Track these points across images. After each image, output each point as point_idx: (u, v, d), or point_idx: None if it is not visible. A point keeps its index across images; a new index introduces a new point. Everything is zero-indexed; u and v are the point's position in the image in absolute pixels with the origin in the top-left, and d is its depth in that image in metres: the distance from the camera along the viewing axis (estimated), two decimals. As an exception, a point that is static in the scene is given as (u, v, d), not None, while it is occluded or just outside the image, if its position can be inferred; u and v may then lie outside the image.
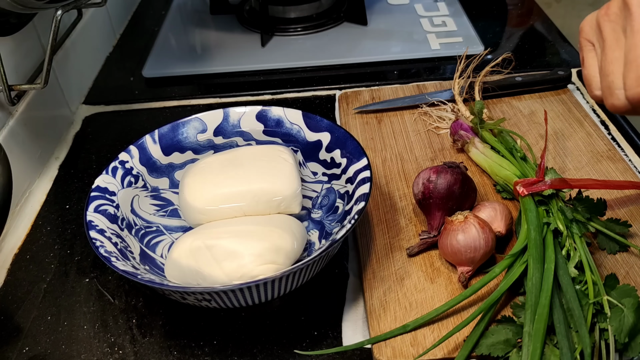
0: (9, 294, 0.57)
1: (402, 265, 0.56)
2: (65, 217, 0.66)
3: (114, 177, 0.58)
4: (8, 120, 0.67)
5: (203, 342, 0.52)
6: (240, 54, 0.92)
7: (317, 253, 0.47)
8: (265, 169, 0.58)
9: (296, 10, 0.98)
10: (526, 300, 0.48)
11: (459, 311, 0.51)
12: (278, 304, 0.55)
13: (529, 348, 0.45)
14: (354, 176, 0.57)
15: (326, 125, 0.62)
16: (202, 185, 0.57)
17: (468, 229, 0.52)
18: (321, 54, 0.91)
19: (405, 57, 0.90)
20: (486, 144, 0.65)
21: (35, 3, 0.60)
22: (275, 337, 0.52)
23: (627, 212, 0.59)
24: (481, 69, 0.75)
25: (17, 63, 0.69)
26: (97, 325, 0.54)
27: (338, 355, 0.50)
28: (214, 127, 0.64)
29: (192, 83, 0.88)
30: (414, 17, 1.00)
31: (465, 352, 0.46)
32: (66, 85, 0.79)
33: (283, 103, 0.82)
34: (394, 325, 0.50)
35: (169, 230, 0.59)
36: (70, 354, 0.51)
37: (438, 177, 0.57)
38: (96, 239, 0.51)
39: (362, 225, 0.60)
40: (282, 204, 0.57)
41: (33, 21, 0.72)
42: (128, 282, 0.57)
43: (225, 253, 0.50)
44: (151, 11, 1.09)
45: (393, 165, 0.68)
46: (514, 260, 0.51)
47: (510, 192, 0.60)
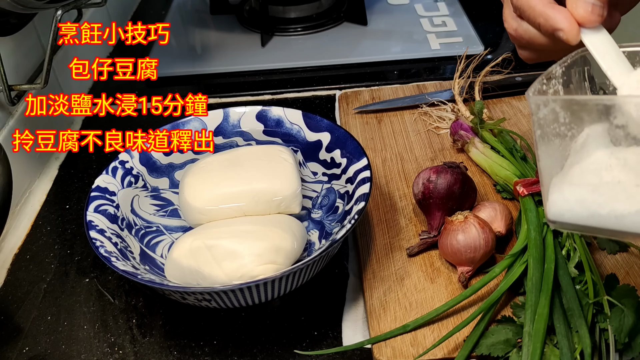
0: (9, 294, 0.57)
1: (402, 265, 0.56)
2: (65, 217, 0.66)
3: (114, 177, 0.58)
4: (8, 120, 0.67)
5: (203, 342, 0.52)
6: (240, 54, 0.92)
7: (317, 253, 0.47)
8: (265, 169, 0.58)
9: (296, 10, 0.98)
10: (526, 300, 0.48)
11: (459, 311, 0.51)
12: (278, 304, 0.55)
13: (529, 348, 0.45)
14: (354, 176, 0.57)
15: (326, 125, 0.62)
16: (202, 185, 0.57)
17: (468, 229, 0.52)
18: (321, 54, 0.91)
19: (405, 57, 0.90)
20: (486, 144, 0.65)
21: (35, 3, 0.60)
22: (275, 337, 0.52)
23: (627, 212, 0.59)
24: (481, 69, 0.75)
25: (17, 63, 0.69)
26: (97, 325, 0.54)
27: (338, 355, 0.50)
28: (214, 127, 0.64)
29: (192, 83, 0.88)
30: (414, 17, 1.00)
31: (465, 352, 0.46)
32: (66, 85, 0.79)
33: (283, 103, 0.82)
34: (394, 325, 0.50)
35: (169, 230, 0.59)
36: (70, 354, 0.51)
37: (438, 177, 0.57)
38: (96, 239, 0.51)
39: (362, 225, 0.60)
40: (282, 204, 0.57)
41: (33, 21, 0.72)
42: (128, 282, 0.57)
43: (225, 253, 0.50)
44: (151, 11, 1.09)
45: (393, 165, 0.68)
46: (514, 260, 0.51)
47: (510, 192, 0.60)
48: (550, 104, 0.38)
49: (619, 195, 0.35)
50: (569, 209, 0.38)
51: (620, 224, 0.36)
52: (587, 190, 0.37)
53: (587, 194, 0.37)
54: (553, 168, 0.40)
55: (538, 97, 0.39)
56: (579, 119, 0.38)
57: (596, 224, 0.37)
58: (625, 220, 0.35)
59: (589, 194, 0.37)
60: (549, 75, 0.41)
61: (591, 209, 0.37)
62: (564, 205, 0.38)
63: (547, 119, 0.39)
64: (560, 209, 0.38)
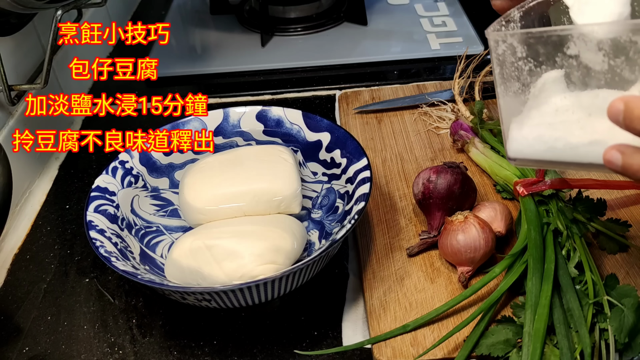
0: (9, 294, 0.57)
1: (402, 265, 0.56)
2: (65, 217, 0.66)
3: (114, 177, 0.58)
4: (8, 120, 0.67)
5: (203, 342, 0.52)
6: (240, 54, 0.92)
7: (317, 253, 0.47)
8: (265, 169, 0.58)
9: (296, 10, 0.98)
10: (526, 300, 0.48)
11: (459, 311, 0.51)
12: (278, 304, 0.55)
13: (529, 348, 0.45)
14: (354, 176, 0.57)
15: (326, 125, 0.62)
16: (202, 185, 0.57)
17: (468, 229, 0.52)
18: (321, 54, 0.91)
19: (405, 57, 0.90)
20: (486, 144, 0.65)
21: (35, 3, 0.60)
22: (275, 337, 0.52)
23: (627, 212, 0.59)
24: (481, 69, 0.75)
25: (17, 63, 0.69)
26: (97, 325, 0.54)
27: (338, 355, 0.50)
28: (214, 127, 0.64)
29: (192, 83, 0.88)
30: (414, 17, 1.00)
31: (465, 352, 0.46)
32: (66, 85, 0.79)
33: (283, 103, 0.82)
34: (394, 325, 0.50)
35: (169, 230, 0.59)
36: (70, 354, 0.51)
37: (438, 177, 0.57)
38: (96, 239, 0.51)
39: (362, 225, 0.60)
40: (282, 204, 0.57)
41: (33, 21, 0.72)
42: (128, 282, 0.57)
43: (225, 253, 0.50)
44: (151, 11, 1.09)
45: (393, 165, 0.68)
46: (514, 260, 0.51)
47: (510, 192, 0.60)
48: (508, 39, 0.41)
49: (573, 129, 0.39)
50: (528, 145, 0.42)
51: (574, 155, 0.40)
52: (545, 128, 0.41)
53: (544, 130, 0.41)
54: (513, 109, 0.43)
55: (497, 32, 0.42)
56: (536, 54, 0.41)
57: (553, 157, 0.41)
58: (579, 151, 0.39)
59: (546, 131, 0.41)
60: (507, 18, 0.44)
61: (548, 143, 0.41)
62: (523, 142, 0.42)
63: (506, 55, 0.42)
64: (520, 145, 0.42)
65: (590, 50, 0.38)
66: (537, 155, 0.42)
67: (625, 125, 0.34)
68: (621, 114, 0.34)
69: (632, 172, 0.35)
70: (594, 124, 0.38)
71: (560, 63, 0.41)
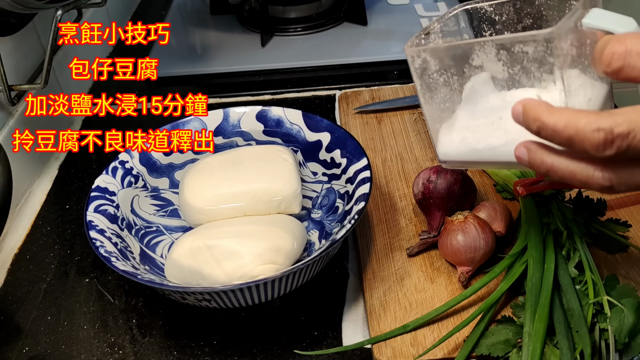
0: (9, 294, 0.57)
1: (402, 265, 0.56)
2: (65, 217, 0.66)
3: (114, 177, 0.58)
4: (8, 120, 0.67)
5: (203, 342, 0.52)
6: (240, 54, 0.92)
7: (317, 253, 0.47)
8: (265, 169, 0.58)
9: (296, 10, 0.98)
10: (526, 300, 0.48)
11: (459, 311, 0.51)
12: (278, 304, 0.55)
13: (529, 348, 0.45)
14: (354, 176, 0.57)
15: (326, 125, 0.62)
16: (202, 185, 0.57)
17: (468, 229, 0.52)
18: (321, 54, 0.91)
19: (405, 57, 0.90)
20: (486, 144, 0.65)
21: (35, 3, 0.60)
22: (275, 337, 0.52)
23: (627, 212, 0.59)
24: (481, 69, 0.75)
25: (17, 63, 0.69)
26: (97, 325, 0.54)
27: (338, 355, 0.50)
28: (214, 127, 0.64)
29: (192, 83, 0.88)
30: (414, 17, 1.00)
31: (465, 352, 0.46)
32: (66, 85, 0.79)
33: (283, 103, 0.82)
34: (394, 325, 0.50)
35: (169, 230, 0.59)
36: (70, 354, 0.51)
37: (438, 177, 0.57)
38: (96, 239, 0.51)
39: (362, 225, 0.60)
40: (282, 204, 0.57)
41: (33, 21, 0.72)
42: (128, 282, 0.57)
43: (225, 253, 0.50)
44: (151, 11, 1.09)
45: (393, 165, 0.68)
46: (514, 260, 0.51)
47: (510, 192, 0.60)
48: (421, 54, 0.45)
49: (490, 131, 0.43)
50: (455, 148, 0.45)
51: (494, 154, 0.43)
52: (469, 131, 0.44)
53: (468, 133, 0.44)
54: (437, 115, 0.47)
55: (411, 48, 0.46)
56: (447, 66, 0.45)
57: (476, 157, 0.44)
58: (497, 151, 0.43)
59: (469, 133, 0.44)
60: (427, 30, 0.48)
61: (471, 145, 0.44)
62: (451, 145, 0.46)
63: (423, 68, 0.45)
64: (448, 148, 0.46)
65: (491, 61, 0.42)
66: (464, 157, 0.45)
67: (525, 125, 0.37)
68: (521, 115, 0.37)
69: (537, 166, 0.38)
70: (506, 125, 0.41)
71: (468, 74, 0.44)
